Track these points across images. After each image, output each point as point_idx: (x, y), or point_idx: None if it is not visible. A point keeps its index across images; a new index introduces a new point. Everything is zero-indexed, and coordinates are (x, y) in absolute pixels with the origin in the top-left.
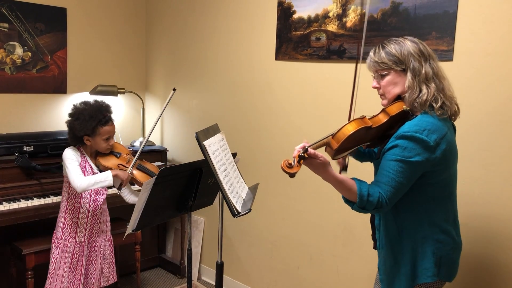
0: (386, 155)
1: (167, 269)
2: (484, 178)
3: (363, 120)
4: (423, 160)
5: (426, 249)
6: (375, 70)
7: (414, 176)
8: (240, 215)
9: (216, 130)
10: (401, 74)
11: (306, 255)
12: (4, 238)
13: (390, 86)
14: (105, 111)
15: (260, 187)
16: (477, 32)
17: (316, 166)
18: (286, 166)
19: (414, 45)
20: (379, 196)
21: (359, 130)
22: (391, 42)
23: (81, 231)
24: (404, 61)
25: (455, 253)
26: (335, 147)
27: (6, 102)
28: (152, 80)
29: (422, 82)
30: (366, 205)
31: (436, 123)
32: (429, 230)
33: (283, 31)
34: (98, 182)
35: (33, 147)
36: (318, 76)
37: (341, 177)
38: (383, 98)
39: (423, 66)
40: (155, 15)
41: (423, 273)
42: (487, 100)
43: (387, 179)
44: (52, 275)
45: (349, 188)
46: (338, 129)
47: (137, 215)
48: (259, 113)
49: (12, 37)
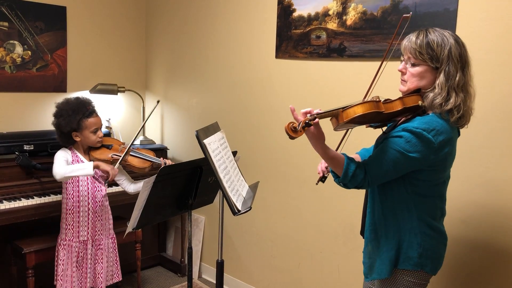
0: (388, 142)
1: (168, 267)
2: (484, 175)
3: (378, 104)
4: (420, 158)
5: (412, 240)
6: (409, 55)
7: (405, 170)
8: (240, 213)
9: (217, 129)
10: (432, 70)
11: (306, 253)
12: (4, 237)
13: (417, 77)
14: (87, 104)
15: (260, 186)
16: (478, 30)
17: (315, 137)
18: (291, 129)
19: (457, 46)
20: (365, 177)
21: (370, 113)
22: (436, 33)
23: (84, 229)
24: (442, 60)
25: (441, 247)
26: (341, 121)
27: (6, 101)
28: (152, 78)
29: (452, 89)
30: (348, 183)
31: (445, 125)
32: (417, 223)
33: (283, 29)
34: (76, 170)
35: (34, 146)
36: (318, 75)
37: (332, 153)
38: (403, 84)
39: (458, 72)
40: (155, 14)
41: (405, 260)
42: (488, 98)
43: (379, 162)
44: (61, 277)
45: (338, 165)
46: (351, 105)
47: (137, 213)
48: (259, 112)
49: (12, 35)
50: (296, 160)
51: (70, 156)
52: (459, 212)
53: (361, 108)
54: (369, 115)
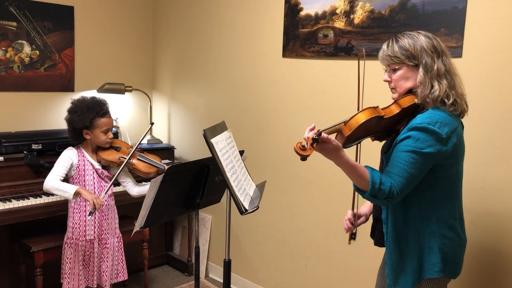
0: (398, 146)
1: (175, 266)
2: (494, 175)
3: (376, 109)
4: (435, 152)
5: (432, 245)
6: (387, 63)
7: (426, 168)
8: (247, 213)
9: (224, 128)
10: (413, 69)
11: (313, 252)
12: (13, 236)
13: (402, 80)
14: (102, 104)
15: (267, 185)
16: (487, 28)
17: (329, 150)
18: (300, 148)
19: (428, 40)
20: (391, 186)
21: (371, 119)
22: (405, 36)
23: (90, 229)
24: (417, 56)
25: (460, 249)
26: (346, 134)
27: (15, 100)
28: (159, 78)
29: (434, 78)
30: (378, 193)
31: (447, 117)
32: (436, 225)
33: (290, 28)
34: (60, 189)
35: (42, 145)
36: (325, 73)
37: (354, 162)
38: (393, 92)
39: (436, 62)
40: (162, 13)
41: (429, 268)
42: (497, 97)
43: (399, 169)
44: (69, 275)
45: (361, 175)
46: (351, 117)
47: (144, 212)
48: (267, 111)
49: (20, 35)
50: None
51: (76, 158)
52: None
53: (362, 115)
54: (371, 121)
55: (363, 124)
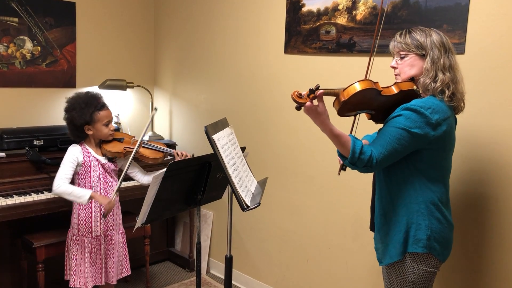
0: (389, 122)
1: (176, 262)
2: (494, 171)
3: (376, 84)
4: (422, 134)
5: (420, 222)
6: (397, 50)
7: (410, 147)
8: (249, 209)
9: (225, 124)
10: (420, 58)
11: (315, 249)
12: (15, 231)
13: (407, 67)
14: (97, 98)
15: (268, 182)
16: (490, 24)
17: (317, 113)
18: (297, 96)
19: (438, 36)
20: (371, 154)
21: (369, 90)
22: (418, 29)
23: (96, 225)
24: (426, 47)
25: (448, 233)
26: (343, 99)
27: (16, 96)
28: (161, 74)
29: (439, 69)
30: (357, 161)
31: (442, 105)
32: (424, 206)
33: (292, 25)
34: (73, 195)
35: (43, 141)
36: (327, 70)
37: (337, 131)
38: (397, 78)
39: (442, 56)
40: (164, 10)
41: (414, 242)
42: (500, 93)
43: (383, 142)
44: (75, 272)
45: (344, 143)
46: (350, 84)
47: (146, 209)
48: (268, 107)
49: (21, 31)
50: (304, 156)
51: (81, 154)
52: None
53: (360, 84)
54: (368, 92)
55: (359, 92)
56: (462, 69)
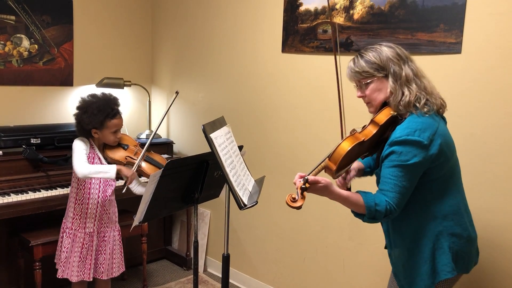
0: (384, 163)
1: (173, 261)
2: (491, 172)
3: (355, 136)
4: (421, 160)
5: (442, 245)
6: (357, 80)
7: (416, 177)
8: (246, 208)
9: (223, 123)
10: (383, 80)
11: (311, 248)
12: (12, 230)
13: (375, 93)
14: (113, 104)
15: (266, 180)
16: (486, 24)
17: (320, 190)
18: (291, 201)
19: (391, 49)
20: (386, 204)
21: (353, 147)
22: (368, 50)
23: (90, 221)
24: (385, 66)
25: (470, 245)
26: (333, 168)
27: (13, 94)
28: (158, 72)
29: (403, 85)
30: (376, 215)
31: (425, 120)
32: (443, 225)
33: (290, 24)
34: (100, 171)
35: (40, 139)
36: (324, 69)
37: (346, 193)
38: (369, 106)
39: (403, 68)
40: (161, 8)
41: (443, 269)
42: (496, 93)
43: (390, 186)
44: (64, 264)
45: (356, 202)
46: (333, 150)
47: (143, 207)
48: (266, 106)
49: (19, 29)
50: (302, 155)
51: (88, 148)
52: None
53: (343, 147)
54: (353, 149)
55: (346, 154)
56: (458, 69)
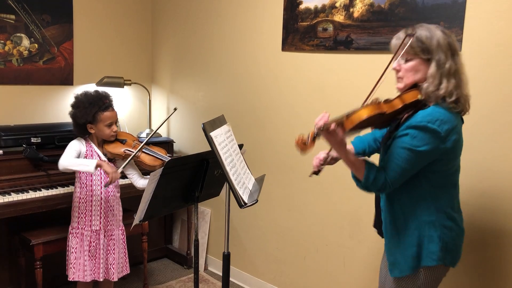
0: (396, 142)
1: (174, 259)
2: (492, 169)
3: (379, 105)
4: (431, 149)
5: (432, 234)
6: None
7: (420, 164)
8: (247, 206)
9: (223, 122)
10: (425, 62)
11: (312, 246)
12: (12, 229)
13: (411, 72)
14: (104, 98)
15: (266, 179)
16: (486, 22)
17: (332, 143)
18: (302, 144)
19: (444, 36)
20: (384, 181)
21: (374, 116)
22: (423, 28)
23: (96, 219)
24: (432, 51)
25: (460, 239)
26: (348, 128)
27: (14, 93)
28: (159, 71)
29: (443, 76)
30: (370, 187)
31: (448, 114)
32: (436, 216)
33: (290, 22)
34: (80, 164)
35: (41, 138)
36: (324, 67)
37: (353, 158)
38: (399, 81)
39: (449, 60)
40: (161, 7)
41: (428, 255)
42: (497, 90)
43: (394, 165)
44: (74, 265)
45: (358, 169)
46: (354, 111)
47: (144, 205)
48: (266, 104)
49: (18, 28)
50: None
51: (84, 147)
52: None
53: (365, 111)
54: (373, 117)
55: (365, 119)
56: None
